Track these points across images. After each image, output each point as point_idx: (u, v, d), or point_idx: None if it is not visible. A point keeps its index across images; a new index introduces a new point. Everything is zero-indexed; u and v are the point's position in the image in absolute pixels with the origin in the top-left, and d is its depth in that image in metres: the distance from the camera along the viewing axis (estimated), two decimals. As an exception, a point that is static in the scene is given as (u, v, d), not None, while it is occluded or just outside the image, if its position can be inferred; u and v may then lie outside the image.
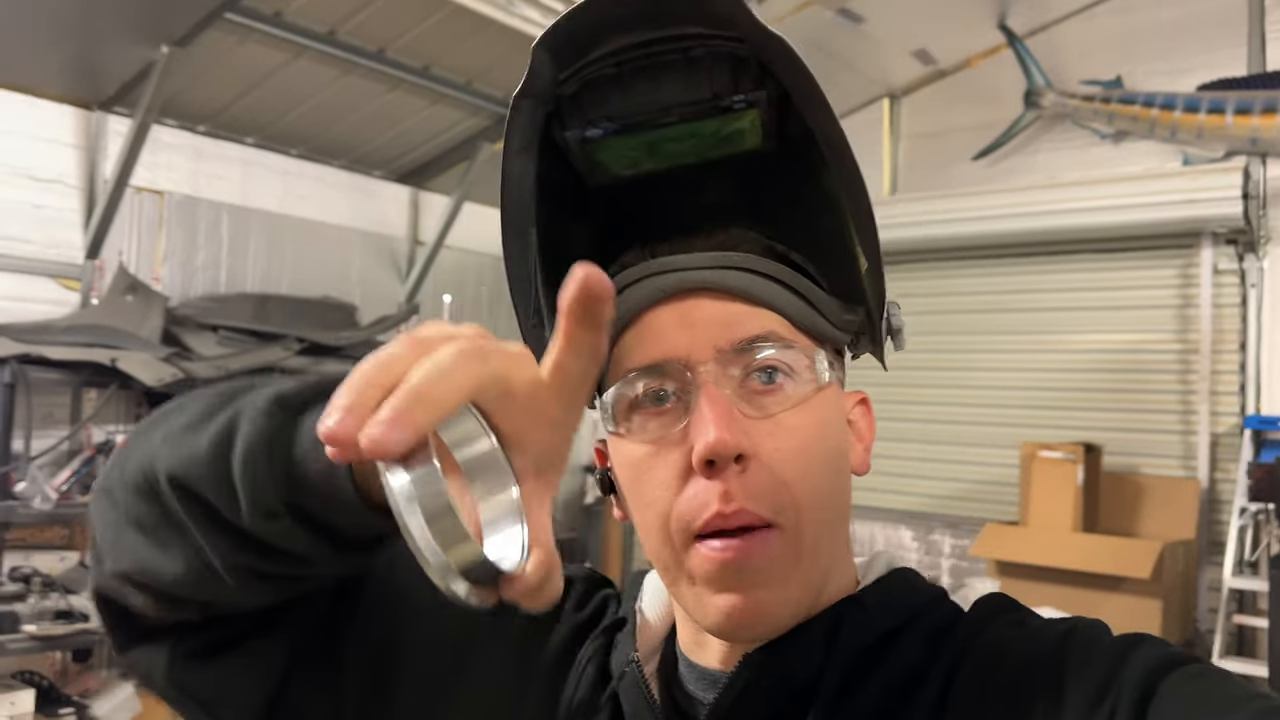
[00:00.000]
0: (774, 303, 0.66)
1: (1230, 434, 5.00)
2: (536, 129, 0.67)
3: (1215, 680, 0.56)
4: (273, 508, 0.56)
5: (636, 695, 0.70)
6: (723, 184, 0.74)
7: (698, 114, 0.67)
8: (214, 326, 4.73)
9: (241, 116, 5.04)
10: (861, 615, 0.66)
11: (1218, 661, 4.52)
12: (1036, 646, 0.63)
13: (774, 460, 0.63)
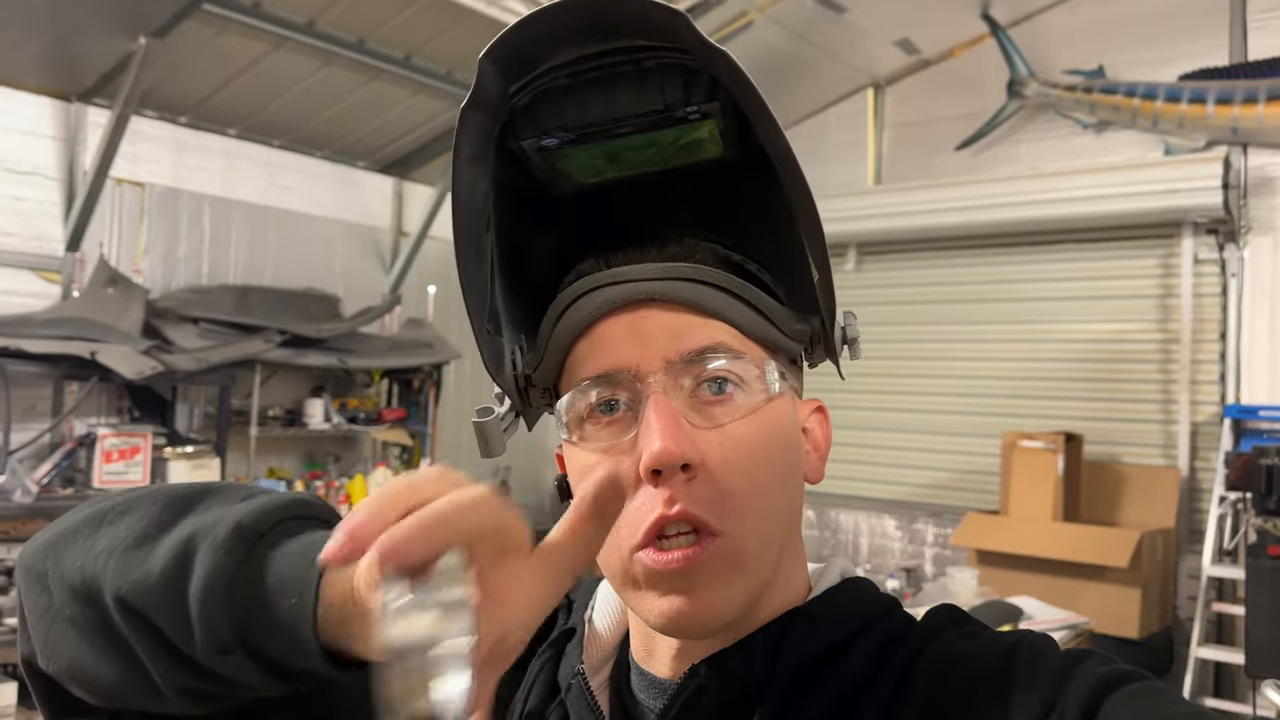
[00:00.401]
0: (724, 313, 0.66)
1: (1210, 423, 5.03)
2: (489, 139, 0.67)
3: (1157, 699, 0.57)
4: (226, 644, 0.55)
5: (583, 707, 0.70)
6: (684, 193, 0.74)
7: (652, 124, 0.68)
8: (195, 319, 4.73)
9: (223, 108, 5.02)
10: (808, 626, 0.67)
11: (1196, 649, 4.55)
12: (983, 661, 0.63)
13: (721, 470, 0.63)
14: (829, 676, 0.65)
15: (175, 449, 4.53)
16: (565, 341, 0.68)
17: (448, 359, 5.70)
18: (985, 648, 0.65)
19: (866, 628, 0.68)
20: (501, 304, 0.73)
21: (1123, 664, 0.61)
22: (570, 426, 0.67)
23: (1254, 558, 4.14)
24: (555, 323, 0.68)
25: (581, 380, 0.66)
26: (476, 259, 0.69)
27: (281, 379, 5.29)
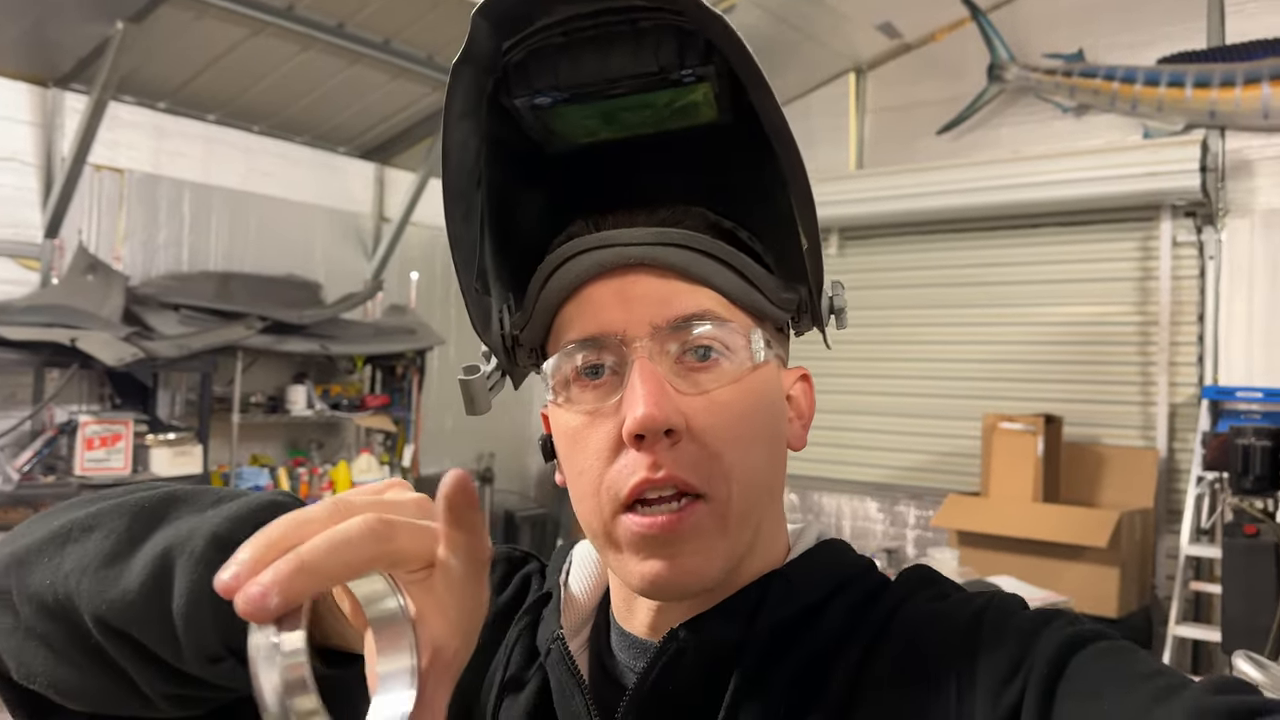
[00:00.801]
0: (711, 280, 0.67)
1: (1188, 404, 5.08)
2: (481, 95, 0.67)
3: (1123, 657, 0.58)
4: (216, 653, 0.55)
5: (562, 670, 0.70)
6: (678, 157, 0.74)
7: (646, 86, 0.68)
8: (176, 305, 4.71)
9: (202, 93, 4.99)
10: (785, 588, 0.68)
11: (1174, 627, 4.61)
12: (952, 621, 0.64)
13: (705, 435, 0.64)
14: (805, 637, 0.67)
15: (157, 436, 4.51)
16: (552, 303, 0.69)
17: (431, 345, 5.69)
18: (955, 608, 0.66)
19: (842, 589, 0.70)
20: (490, 262, 0.73)
21: (1089, 624, 0.62)
22: (556, 388, 0.68)
23: (1231, 537, 4.17)
24: (543, 284, 0.69)
25: (568, 343, 0.67)
26: (465, 217, 0.69)
27: (263, 366, 5.27)
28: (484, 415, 0.58)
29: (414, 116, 5.64)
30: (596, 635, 0.75)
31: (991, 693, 0.59)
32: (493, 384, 0.75)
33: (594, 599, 0.77)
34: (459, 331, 6.42)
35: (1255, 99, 4.71)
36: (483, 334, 0.74)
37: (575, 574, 0.78)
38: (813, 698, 0.64)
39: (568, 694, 0.70)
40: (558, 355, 0.67)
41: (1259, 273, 4.89)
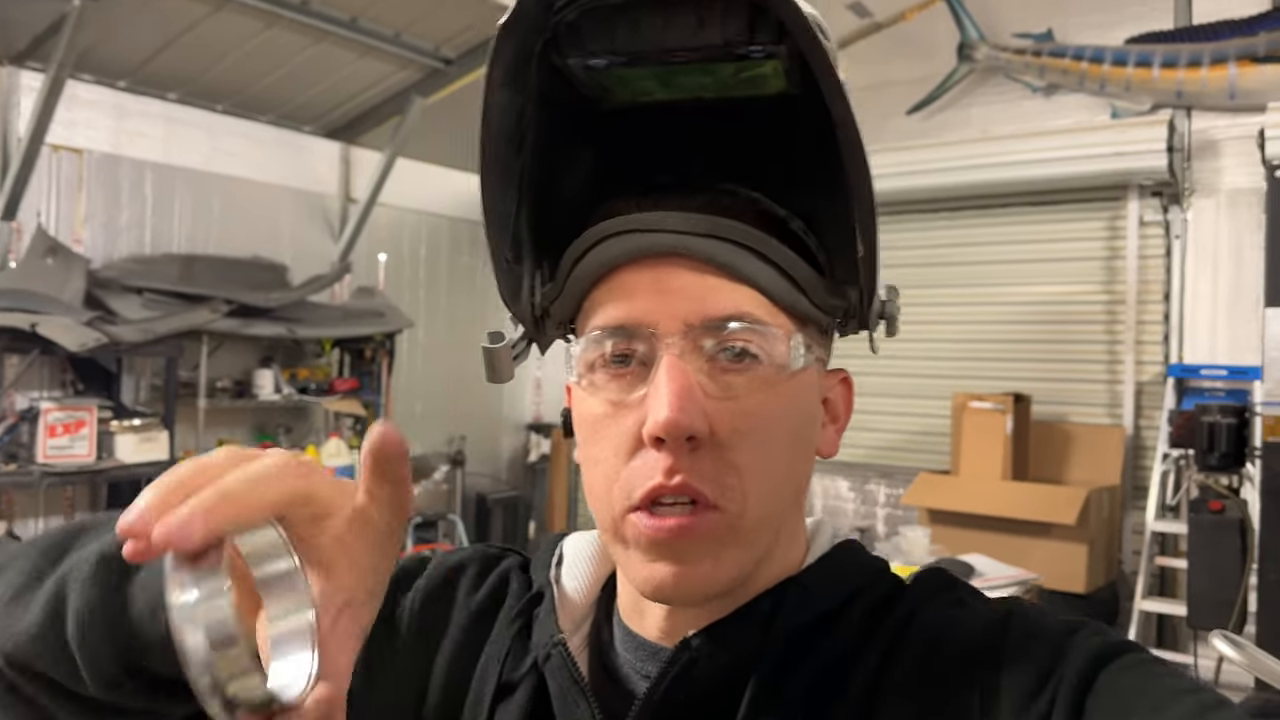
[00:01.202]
0: (754, 279, 0.63)
1: (1154, 382, 5.14)
2: (527, 58, 0.64)
3: (1152, 672, 0.56)
4: (115, 677, 0.54)
5: (564, 676, 0.67)
6: (739, 127, 0.70)
7: (708, 57, 0.63)
8: (139, 289, 4.63)
9: (163, 71, 4.88)
10: (801, 596, 0.66)
11: (1140, 602, 4.68)
12: (974, 628, 0.63)
13: (729, 443, 0.61)
14: (822, 644, 0.64)
15: (122, 422, 4.44)
16: (585, 283, 0.65)
17: (400, 328, 5.63)
18: (976, 615, 0.64)
19: (858, 594, 0.67)
20: (526, 228, 0.70)
21: (1116, 634, 0.61)
22: (580, 371, 0.65)
23: (1196, 513, 4.24)
24: (576, 261, 0.66)
25: (596, 328, 0.64)
26: (501, 185, 0.66)
27: (229, 349, 5.20)
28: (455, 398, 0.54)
29: (381, 95, 5.56)
30: (596, 633, 0.72)
31: (1017, 706, 0.57)
32: (517, 352, 0.72)
33: (590, 596, 0.74)
34: (428, 314, 6.37)
35: (1221, 79, 4.76)
36: (510, 304, 0.70)
37: (569, 570, 0.75)
38: (830, 705, 0.62)
39: (570, 701, 0.67)
40: (585, 339, 0.64)
41: (1223, 252, 4.95)
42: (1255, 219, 4.81)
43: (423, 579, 0.79)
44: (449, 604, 0.77)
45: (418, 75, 5.43)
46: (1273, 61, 4.62)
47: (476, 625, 0.75)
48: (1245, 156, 4.79)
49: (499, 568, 0.80)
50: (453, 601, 0.77)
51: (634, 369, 0.63)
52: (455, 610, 0.77)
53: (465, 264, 6.71)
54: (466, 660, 0.74)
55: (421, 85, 5.47)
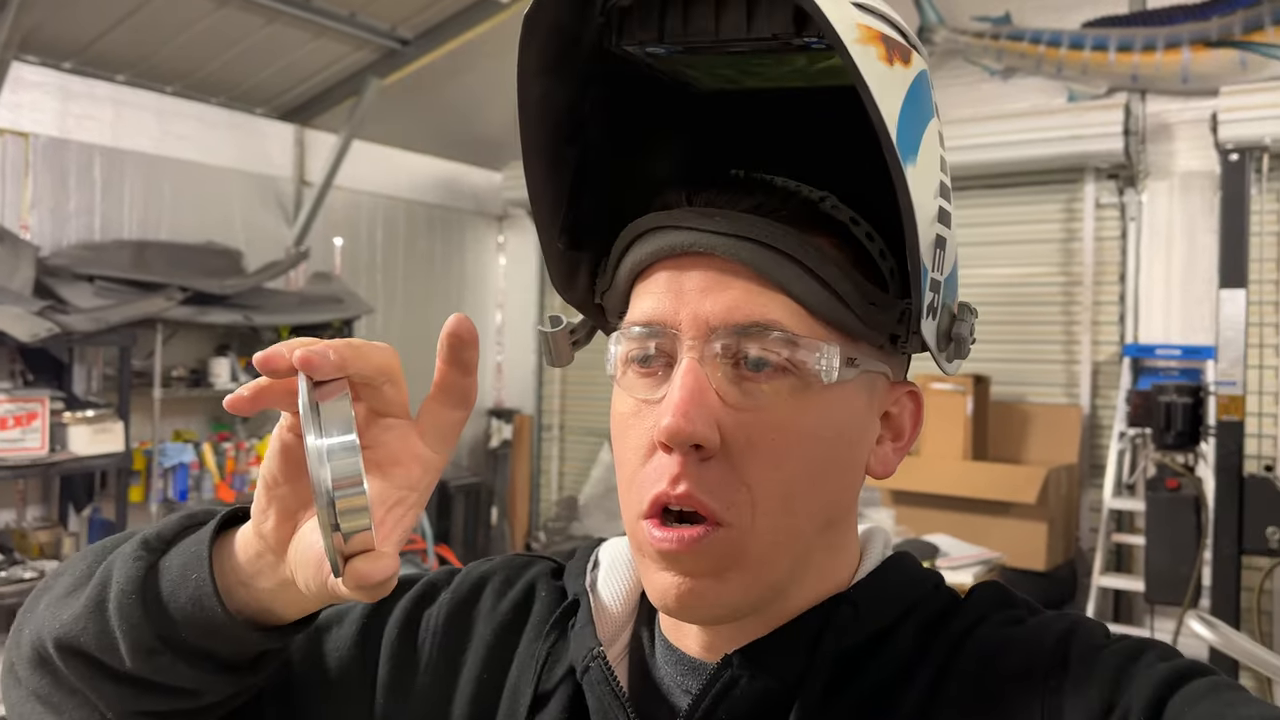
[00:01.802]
0: (788, 287, 0.60)
1: (1110, 362, 5.23)
2: (569, 45, 0.63)
3: (1224, 699, 0.54)
4: (150, 645, 0.59)
5: (604, 691, 0.66)
6: (823, 123, 0.68)
7: (766, 49, 0.62)
8: (90, 276, 4.50)
9: (111, 52, 4.74)
10: (850, 615, 0.64)
11: (1098, 578, 4.77)
12: (1034, 650, 0.61)
13: (741, 456, 0.59)
14: (871, 665, 0.63)
15: (75, 414, 4.33)
16: (628, 277, 0.65)
17: (359, 314, 5.55)
18: (1036, 634, 0.62)
19: (910, 611, 0.65)
20: (589, 209, 0.69)
21: (1183, 656, 0.59)
22: (616, 366, 0.64)
23: (1153, 490, 4.33)
24: (622, 254, 0.65)
25: (628, 324, 0.64)
26: (549, 173, 0.65)
27: (184, 338, 5.09)
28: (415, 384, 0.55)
29: (336, 76, 5.46)
30: (637, 645, 0.70)
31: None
32: (577, 338, 0.72)
33: (629, 605, 0.72)
34: (386, 299, 6.28)
35: (1175, 63, 4.83)
36: (563, 291, 0.70)
37: (605, 578, 0.73)
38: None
39: (611, 716, 0.65)
40: (618, 334, 0.64)
41: (1177, 234, 5.04)
42: (1208, 201, 4.90)
43: (447, 592, 0.78)
44: (473, 617, 0.76)
45: (374, 56, 5.33)
46: (1225, 46, 4.70)
47: (502, 638, 0.74)
48: (1198, 140, 4.87)
49: (526, 576, 0.78)
50: (477, 615, 0.76)
51: (659, 368, 0.62)
52: (479, 623, 0.75)
53: (422, 247, 6.63)
54: (494, 674, 0.72)
55: (378, 66, 5.37)
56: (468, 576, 0.79)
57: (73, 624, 0.61)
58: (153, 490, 4.74)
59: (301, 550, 0.57)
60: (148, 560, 0.61)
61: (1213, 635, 1.88)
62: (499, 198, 6.90)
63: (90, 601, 0.61)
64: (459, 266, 6.88)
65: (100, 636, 0.60)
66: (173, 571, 0.60)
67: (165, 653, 0.58)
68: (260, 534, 0.59)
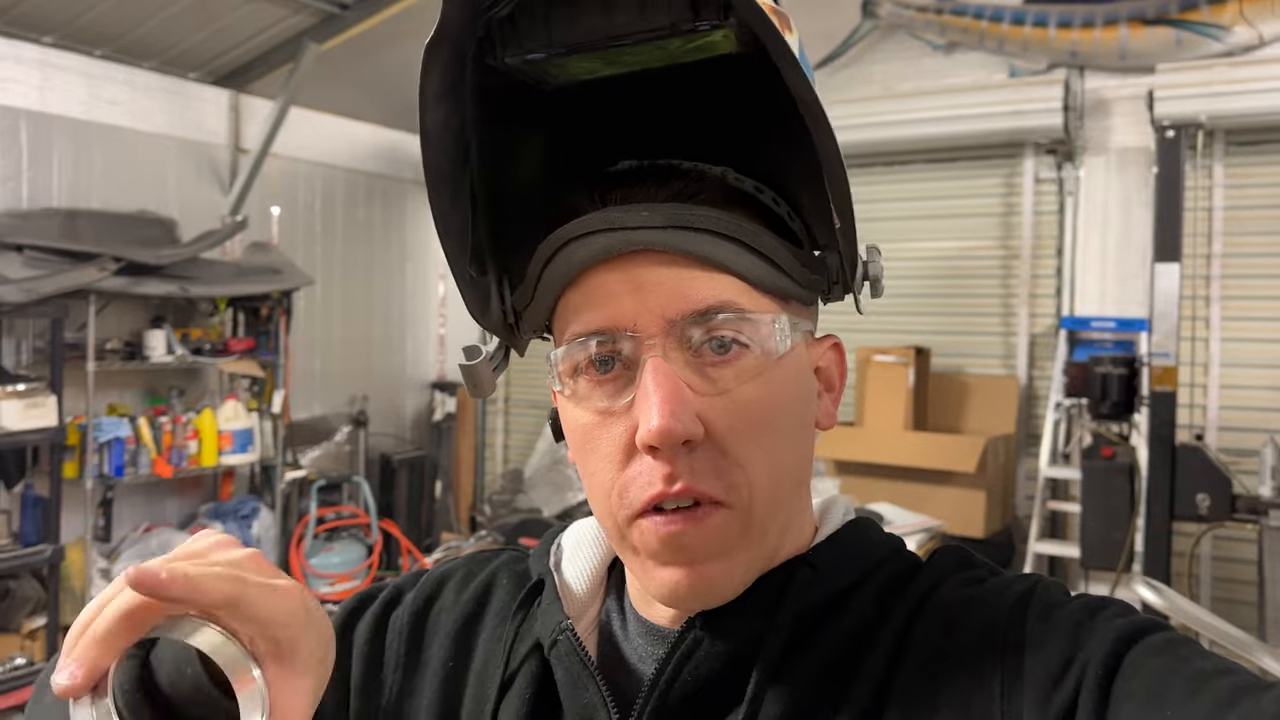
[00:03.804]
0: (731, 266, 0.61)
1: (1046, 334, 5.34)
2: (463, 64, 0.61)
3: (1181, 653, 0.55)
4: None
5: (574, 661, 0.67)
6: (693, 94, 0.67)
7: (654, 38, 0.60)
8: (19, 246, 4.34)
9: (36, 12, 4.55)
10: (810, 576, 0.65)
11: (1034, 545, 4.90)
12: (994, 609, 0.62)
13: (726, 440, 0.60)
14: (830, 626, 0.64)
15: (5, 388, 4.18)
16: (555, 287, 0.63)
17: (298, 285, 5.44)
18: (996, 594, 0.63)
19: (871, 573, 0.67)
20: (485, 234, 0.67)
21: (1139, 613, 0.61)
22: (562, 378, 0.63)
23: (1089, 459, 4.45)
24: (544, 266, 0.63)
25: (574, 335, 0.62)
26: (452, 202, 0.63)
27: (118, 309, 4.94)
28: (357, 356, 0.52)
29: (272, 40, 5.31)
30: (607, 619, 0.72)
31: (1042, 690, 0.57)
32: (496, 364, 0.70)
33: (595, 582, 0.73)
34: (324, 269, 6.17)
35: (1113, 40, 4.92)
36: (480, 318, 0.68)
37: (570, 558, 0.74)
38: (843, 687, 0.62)
39: (580, 685, 0.66)
40: (565, 347, 0.63)
41: (1113, 208, 5.16)
42: (1143, 177, 5.02)
43: (411, 593, 0.80)
44: (437, 611, 0.77)
45: (312, 20, 5.20)
46: (1161, 24, 4.79)
47: (466, 626, 0.75)
48: (1135, 116, 4.98)
49: (488, 568, 0.80)
50: (440, 609, 0.78)
51: (617, 373, 0.61)
52: (443, 616, 0.77)
53: (362, 217, 6.51)
54: (460, 660, 0.74)
55: (316, 31, 5.24)
56: (430, 576, 0.81)
57: None
58: (88, 466, 4.62)
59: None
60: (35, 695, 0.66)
61: (1159, 600, 1.95)
62: (440, 167, 6.79)
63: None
64: (399, 237, 6.77)
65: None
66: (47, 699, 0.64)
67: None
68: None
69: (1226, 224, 4.90)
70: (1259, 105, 4.45)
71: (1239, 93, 4.44)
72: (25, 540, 4.39)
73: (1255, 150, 4.83)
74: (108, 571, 4.83)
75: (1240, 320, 4.90)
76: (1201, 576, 4.90)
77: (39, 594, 4.49)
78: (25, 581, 4.51)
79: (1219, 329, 4.93)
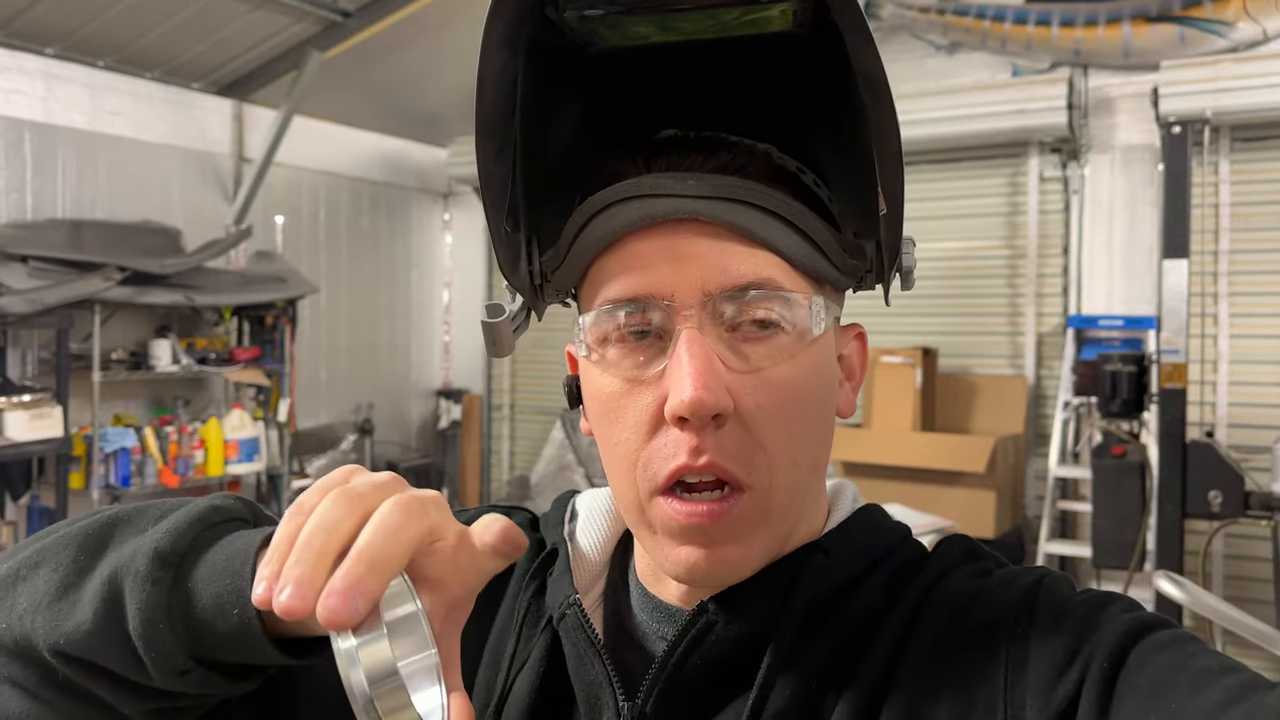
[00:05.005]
0: (774, 243, 0.60)
1: (1054, 333, 5.33)
2: (525, 14, 0.59)
3: (1187, 650, 0.55)
4: (183, 667, 0.55)
5: (580, 637, 0.66)
6: (743, 71, 0.66)
7: (713, 5, 0.59)
8: (24, 257, 4.34)
9: (40, 24, 4.56)
10: (823, 562, 0.65)
11: (1045, 545, 4.88)
12: (1001, 600, 0.62)
13: (754, 419, 0.59)
14: (841, 612, 0.64)
15: (10, 399, 4.18)
16: (590, 250, 0.62)
17: (303, 293, 5.43)
18: (1003, 586, 0.63)
19: (880, 560, 0.66)
20: (521, 191, 0.66)
21: (1146, 609, 0.60)
22: (591, 345, 0.63)
23: (1099, 458, 4.42)
24: (581, 227, 0.62)
25: (608, 301, 0.61)
26: (498, 154, 0.62)
27: (123, 319, 4.94)
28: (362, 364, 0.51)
29: (275, 49, 5.32)
30: (613, 593, 0.71)
31: (1045, 681, 0.57)
32: (518, 324, 0.69)
33: (605, 554, 0.72)
34: (329, 278, 6.17)
35: (1117, 38, 4.91)
36: (510, 275, 0.67)
37: (583, 528, 0.74)
38: (850, 674, 0.61)
39: (586, 662, 0.66)
40: (596, 313, 0.62)
41: (1118, 206, 5.14)
42: (1148, 174, 5.01)
43: None
44: None
45: (314, 29, 5.21)
46: (1164, 21, 4.78)
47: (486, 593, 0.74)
48: (1139, 114, 4.96)
49: None
50: None
51: (650, 342, 0.61)
52: None
53: (366, 225, 6.52)
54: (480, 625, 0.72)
55: (319, 39, 5.25)
56: None
57: (83, 638, 0.56)
58: (94, 476, 4.61)
59: None
60: (168, 582, 0.55)
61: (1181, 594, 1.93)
62: (444, 174, 6.80)
63: (101, 619, 0.55)
64: (404, 245, 6.77)
65: (121, 656, 0.55)
66: (204, 600, 0.54)
67: (196, 669, 0.55)
68: None
69: (1233, 220, 4.88)
70: (1264, 101, 4.44)
71: (1244, 88, 4.43)
72: (32, 551, 4.37)
73: (1261, 146, 4.82)
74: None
75: (1248, 316, 4.88)
76: (1214, 574, 4.87)
77: (47, 605, 4.47)
78: (33, 593, 4.49)
79: (1227, 325, 4.91)
